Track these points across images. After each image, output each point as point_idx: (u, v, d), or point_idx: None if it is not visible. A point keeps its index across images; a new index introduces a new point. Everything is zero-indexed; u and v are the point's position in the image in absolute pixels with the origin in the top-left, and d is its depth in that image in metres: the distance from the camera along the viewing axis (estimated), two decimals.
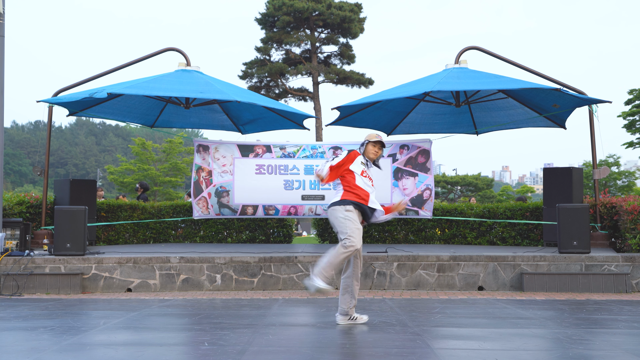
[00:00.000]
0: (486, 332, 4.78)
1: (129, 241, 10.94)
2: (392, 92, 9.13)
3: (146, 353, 3.99)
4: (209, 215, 9.72)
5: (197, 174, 9.70)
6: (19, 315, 5.63)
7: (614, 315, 5.66)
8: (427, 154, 9.72)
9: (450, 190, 40.84)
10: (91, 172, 71.27)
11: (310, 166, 9.65)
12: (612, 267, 7.58)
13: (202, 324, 5.18)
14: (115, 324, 5.11)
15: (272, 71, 29.08)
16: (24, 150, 73.84)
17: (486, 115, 10.44)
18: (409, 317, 5.52)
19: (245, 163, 9.71)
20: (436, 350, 4.13)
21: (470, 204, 11.38)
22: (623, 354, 3.98)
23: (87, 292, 7.52)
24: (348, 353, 4.03)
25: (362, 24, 29.92)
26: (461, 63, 9.38)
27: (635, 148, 26.59)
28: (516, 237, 10.34)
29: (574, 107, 9.23)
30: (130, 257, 7.69)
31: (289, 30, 29.51)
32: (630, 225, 8.16)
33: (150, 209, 11.25)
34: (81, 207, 7.82)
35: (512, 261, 7.73)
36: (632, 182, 33.24)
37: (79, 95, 8.67)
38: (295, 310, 6.08)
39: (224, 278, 7.70)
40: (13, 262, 7.44)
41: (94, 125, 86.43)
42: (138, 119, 10.86)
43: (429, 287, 7.70)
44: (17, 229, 8.04)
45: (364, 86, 30.00)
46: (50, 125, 9.68)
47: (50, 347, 4.17)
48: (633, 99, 26.13)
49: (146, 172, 31.13)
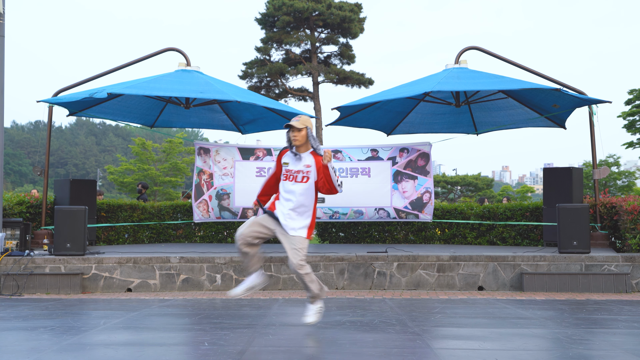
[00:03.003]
0: (486, 332, 4.79)
1: (128, 241, 10.94)
2: (392, 92, 9.14)
3: (146, 353, 3.99)
4: (210, 219, 9.73)
5: (199, 177, 9.71)
6: (19, 315, 5.63)
7: (613, 315, 5.66)
8: (426, 157, 9.73)
9: (450, 190, 40.83)
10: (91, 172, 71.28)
11: None
12: (612, 267, 7.59)
13: (202, 324, 5.18)
14: (115, 324, 5.11)
15: (272, 71, 29.07)
16: (24, 150, 73.85)
17: (486, 115, 10.45)
18: (409, 317, 5.53)
19: (245, 166, 9.72)
20: (436, 350, 4.13)
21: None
22: (623, 354, 3.98)
23: (87, 292, 7.52)
24: (348, 353, 4.03)
25: (362, 24, 29.91)
26: (461, 63, 9.38)
27: (635, 148, 26.60)
28: (516, 237, 10.34)
29: (573, 107, 9.23)
30: (130, 257, 7.70)
31: (289, 30, 29.51)
32: (630, 225, 8.17)
33: (150, 209, 11.26)
34: (81, 207, 7.82)
35: (512, 261, 7.73)
36: (632, 182, 33.24)
37: (79, 95, 8.67)
38: (295, 310, 6.08)
39: (224, 278, 7.70)
40: (13, 262, 7.44)
41: (94, 125, 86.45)
42: (138, 119, 10.87)
43: (429, 287, 7.70)
44: (17, 229, 8.04)
45: (364, 86, 29.99)
46: (50, 125, 9.68)
47: (50, 347, 4.17)
48: (633, 99, 26.14)
49: (146, 172, 31.10)
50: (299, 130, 4.77)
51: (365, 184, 9.73)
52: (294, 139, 4.78)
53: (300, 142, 4.78)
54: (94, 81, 9.76)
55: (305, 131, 4.79)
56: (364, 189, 9.70)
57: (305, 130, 4.79)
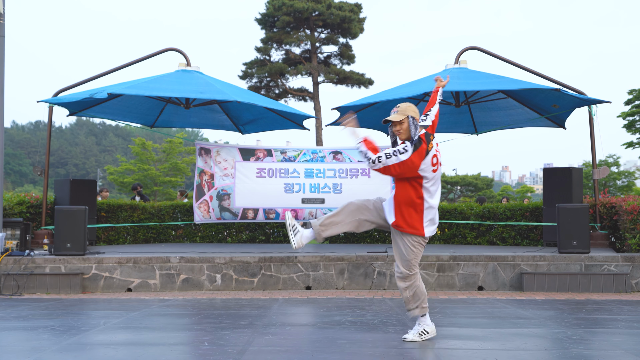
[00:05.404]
0: (486, 332, 4.79)
1: (128, 241, 10.94)
2: (392, 92, 9.15)
3: (146, 353, 4.00)
4: (210, 220, 9.73)
5: (200, 177, 9.72)
6: (19, 315, 5.63)
7: (613, 315, 5.66)
8: None
9: (450, 190, 40.83)
10: (91, 172, 71.26)
11: (310, 170, 9.68)
12: (612, 267, 7.59)
13: (202, 324, 5.19)
14: (116, 324, 5.11)
15: (272, 71, 29.06)
16: (24, 150, 73.82)
17: (486, 115, 10.46)
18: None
19: (246, 166, 9.73)
20: (436, 350, 4.14)
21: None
22: (623, 353, 3.99)
23: (87, 292, 7.52)
24: (348, 353, 4.03)
25: (362, 24, 29.91)
26: (461, 63, 9.39)
27: (635, 148, 26.62)
28: (516, 237, 10.35)
29: (573, 108, 9.24)
30: (130, 257, 7.70)
31: (289, 31, 29.50)
32: (629, 225, 8.17)
33: (150, 209, 11.26)
34: (81, 207, 7.83)
35: (512, 261, 7.73)
36: (631, 182, 33.25)
37: (80, 95, 8.68)
38: (295, 310, 6.09)
39: (224, 278, 7.71)
40: (13, 262, 7.44)
41: (94, 125, 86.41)
42: (138, 119, 10.87)
43: (428, 287, 7.70)
44: (17, 229, 8.04)
45: (363, 86, 29.99)
46: (51, 125, 9.69)
47: (50, 347, 4.17)
48: (633, 99, 26.16)
49: (146, 172, 31.10)
50: (400, 123, 4.30)
51: (366, 185, 9.75)
52: (397, 132, 4.31)
53: (405, 136, 4.30)
54: (94, 81, 9.78)
55: (407, 122, 4.27)
56: (364, 189, 9.70)
57: (406, 122, 4.28)
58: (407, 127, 4.25)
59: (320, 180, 9.63)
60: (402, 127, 4.27)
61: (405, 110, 4.26)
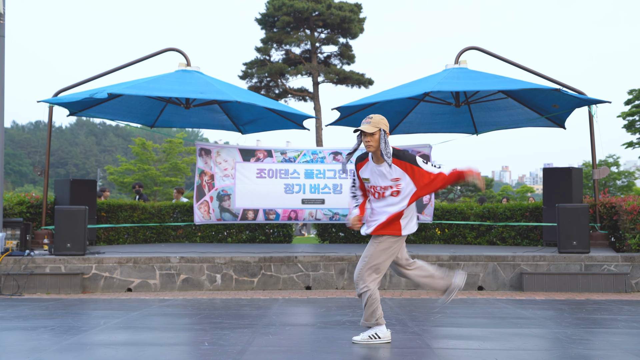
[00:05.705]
0: (486, 332, 4.79)
1: (128, 241, 10.94)
2: (392, 92, 9.15)
3: (146, 353, 4.00)
4: (210, 221, 9.73)
5: (200, 178, 9.72)
6: (20, 315, 5.63)
7: (613, 315, 5.66)
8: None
9: (450, 190, 40.81)
10: (91, 172, 71.26)
11: (310, 170, 9.68)
12: (612, 267, 7.59)
13: (202, 324, 5.19)
14: (116, 324, 5.12)
15: (272, 71, 29.09)
16: (24, 150, 73.84)
17: (486, 115, 10.45)
18: (409, 317, 5.53)
19: (246, 167, 9.73)
20: (436, 350, 4.14)
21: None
22: (623, 353, 3.99)
23: (87, 292, 7.53)
24: (348, 353, 4.04)
25: (362, 24, 29.94)
26: (461, 63, 9.39)
27: (634, 148, 26.64)
28: (516, 237, 10.35)
29: (573, 108, 9.24)
30: (130, 257, 7.70)
31: (289, 31, 29.53)
32: (629, 225, 8.17)
33: (150, 209, 11.26)
34: (81, 207, 7.83)
35: (512, 261, 7.73)
36: (631, 182, 33.26)
37: (80, 95, 8.68)
38: (295, 310, 6.09)
39: (224, 278, 7.71)
40: (13, 262, 7.44)
41: (94, 125, 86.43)
42: (138, 119, 10.87)
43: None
44: (17, 228, 8.04)
45: (363, 86, 30.02)
46: (51, 125, 9.69)
47: (50, 346, 4.18)
48: (632, 99, 26.18)
49: (146, 172, 31.12)
50: (372, 134, 4.23)
51: None
52: (367, 143, 4.24)
53: (374, 148, 4.24)
54: (94, 81, 9.78)
55: (379, 134, 4.22)
56: None
57: (378, 134, 4.22)
58: (378, 139, 4.22)
59: (321, 180, 9.64)
60: (372, 139, 4.23)
61: (378, 123, 4.24)
